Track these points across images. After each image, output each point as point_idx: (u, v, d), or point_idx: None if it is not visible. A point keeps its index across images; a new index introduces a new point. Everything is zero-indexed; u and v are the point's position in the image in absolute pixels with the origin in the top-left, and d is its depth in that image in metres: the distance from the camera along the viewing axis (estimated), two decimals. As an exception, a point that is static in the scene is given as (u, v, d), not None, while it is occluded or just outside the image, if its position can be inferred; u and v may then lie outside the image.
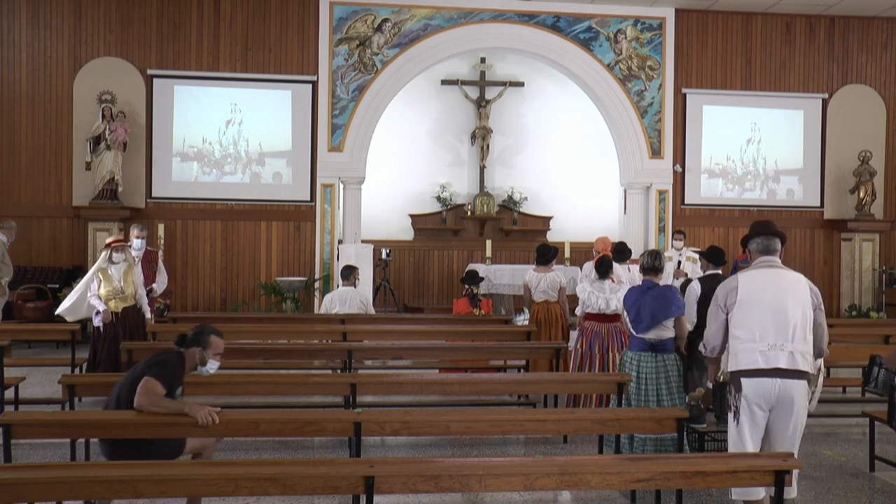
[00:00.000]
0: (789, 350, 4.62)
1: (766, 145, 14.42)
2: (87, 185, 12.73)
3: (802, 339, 4.65)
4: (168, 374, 4.90)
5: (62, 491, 3.92)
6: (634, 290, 6.57)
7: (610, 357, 7.71)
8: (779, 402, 4.67)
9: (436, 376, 7.77)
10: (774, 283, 4.72)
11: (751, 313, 4.67)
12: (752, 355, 4.64)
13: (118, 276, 8.11)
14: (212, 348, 5.08)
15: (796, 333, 4.63)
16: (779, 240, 4.92)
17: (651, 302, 6.35)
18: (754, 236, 5.01)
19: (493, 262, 13.71)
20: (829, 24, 14.44)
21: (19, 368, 8.46)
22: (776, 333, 4.62)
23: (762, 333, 4.63)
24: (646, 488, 5.23)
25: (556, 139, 15.52)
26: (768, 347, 4.61)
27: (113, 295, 8.07)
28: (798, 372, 4.64)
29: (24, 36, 12.89)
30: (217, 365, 5.15)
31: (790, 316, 4.64)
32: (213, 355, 5.10)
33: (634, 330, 6.43)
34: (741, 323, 4.69)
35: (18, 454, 6.15)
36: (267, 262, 13.34)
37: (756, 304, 4.66)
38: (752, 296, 4.69)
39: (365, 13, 13.32)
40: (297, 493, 4.28)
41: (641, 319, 6.36)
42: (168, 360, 5.00)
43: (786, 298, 4.67)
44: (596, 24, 13.75)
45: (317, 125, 13.30)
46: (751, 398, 4.68)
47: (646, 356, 6.38)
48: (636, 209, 14.13)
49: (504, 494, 5.67)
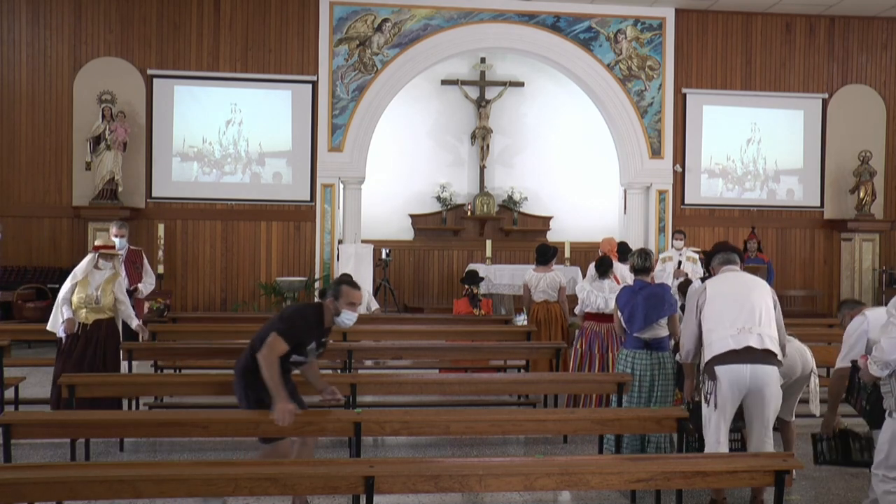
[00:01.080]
0: (757, 332, 5.06)
1: (766, 145, 14.42)
2: (87, 185, 12.73)
3: (769, 324, 5.13)
4: (296, 331, 4.87)
5: (62, 491, 3.93)
6: (626, 290, 6.62)
7: (609, 357, 7.72)
8: (751, 388, 5.07)
9: (436, 376, 7.77)
10: (738, 281, 5.30)
11: (719, 305, 5.15)
12: (723, 341, 5.05)
13: (96, 284, 7.15)
14: (343, 297, 5.00)
15: (762, 318, 5.10)
16: (737, 255, 5.52)
17: (643, 302, 6.39)
18: (716, 253, 5.58)
19: (493, 262, 13.71)
20: (829, 24, 14.44)
21: (19, 368, 8.46)
22: (744, 318, 5.07)
23: (732, 320, 5.08)
24: (646, 488, 5.24)
25: (556, 139, 15.52)
26: (738, 331, 5.05)
27: (85, 303, 7.11)
28: (768, 353, 5.06)
29: (24, 36, 12.89)
30: (353, 316, 5.06)
31: (756, 304, 5.12)
32: (345, 305, 5.01)
33: (628, 329, 6.48)
34: (711, 315, 5.17)
35: (18, 454, 6.15)
36: (267, 262, 13.34)
37: (723, 297, 5.17)
38: (719, 291, 5.22)
39: (365, 13, 13.32)
40: (297, 493, 4.28)
41: (635, 319, 6.41)
42: (300, 313, 4.99)
43: (750, 290, 5.20)
44: (596, 24, 13.75)
45: (317, 125, 13.30)
46: (724, 385, 5.06)
47: (640, 354, 6.43)
48: (636, 209, 14.12)
49: (504, 494, 5.67)
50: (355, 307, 5.06)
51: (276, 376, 4.78)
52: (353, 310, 5.06)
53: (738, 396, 5.14)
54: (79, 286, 7.12)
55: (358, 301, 5.07)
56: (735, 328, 5.06)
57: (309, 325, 4.97)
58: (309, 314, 5.02)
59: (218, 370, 8.02)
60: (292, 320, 4.94)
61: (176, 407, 7.73)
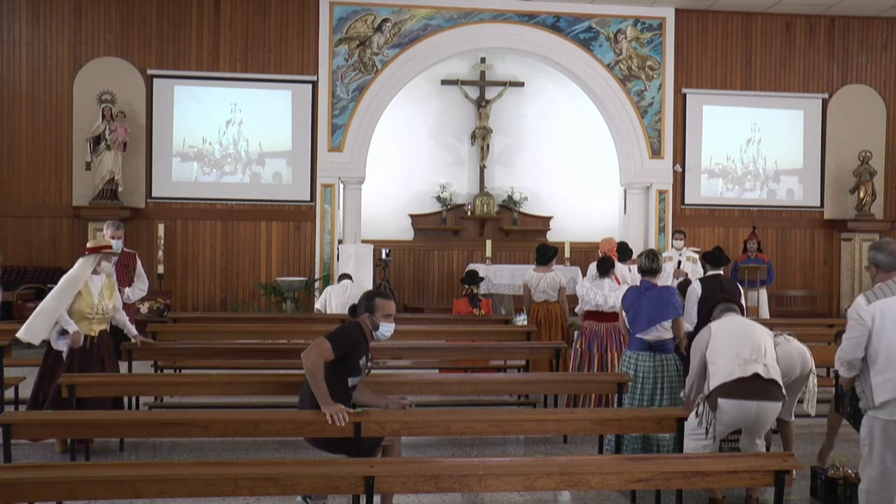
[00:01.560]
0: (763, 363, 5.15)
1: (766, 145, 14.42)
2: (87, 185, 12.74)
3: (773, 359, 5.27)
4: (344, 341, 4.88)
5: (62, 491, 3.93)
6: (632, 291, 6.61)
7: (608, 357, 7.73)
8: (754, 423, 5.17)
9: (436, 376, 7.77)
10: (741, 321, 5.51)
11: (725, 341, 5.26)
12: (730, 369, 5.11)
13: (97, 291, 6.52)
14: (379, 311, 5.01)
15: (767, 353, 5.23)
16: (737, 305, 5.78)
17: (648, 303, 6.39)
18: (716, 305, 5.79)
19: (493, 262, 13.71)
20: (829, 24, 14.44)
21: (19, 368, 8.45)
22: (750, 350, 5.18)
23: (738, 351, 5.18)
24: (646, 488, 5.24)
25: (556, 139, 15.52)
26: (745, 361, 5.12)
27: (93, 313, 6.46)
28: (774, 385, 5.16)
29: (24, 36, 12.89)
30: (391, 327, 5.07)
31: (759, 340, 5.26)
32: (382, 317, 5.02)
33: (632, 330, 6.48)
34: (716, 350, 5.24)
35: (18, 454, 6.15)
36: (267, 262, 13.34)
37: (728, 333, 5.31)
38: (725, 328, 5.36)
39: (365, 13, 13.32)
40: (297, 493, 4.29)
41: (638, 321, 6.41)
42: (347, 328, 5.00)
43: (752, 328, 5.39)
44: (596, 24, 13.75)
45: (317, 125, 13.30)
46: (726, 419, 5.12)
47: (643, 355, 6.43)
48: (636, 209, 14.12)
49: (504, 494, 5.67)
50: (391, 318, 5.07)
51: (319, 375, 4.76)
52: (390, 321, 5.07)
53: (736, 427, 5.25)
54: (82, 295, 6.43)
55: (392, 311, 5.08)
56: (742, 358, 5.14)
57: (357, 339, 4.99)
58: (354, 329, 5.04)
59: (218, 370, 8.04)
60: (340, 333, 4.97)
61: (176, 407, 7.73)
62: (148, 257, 12.91)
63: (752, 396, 5.05)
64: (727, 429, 5.23)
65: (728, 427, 5.21)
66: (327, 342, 4.85)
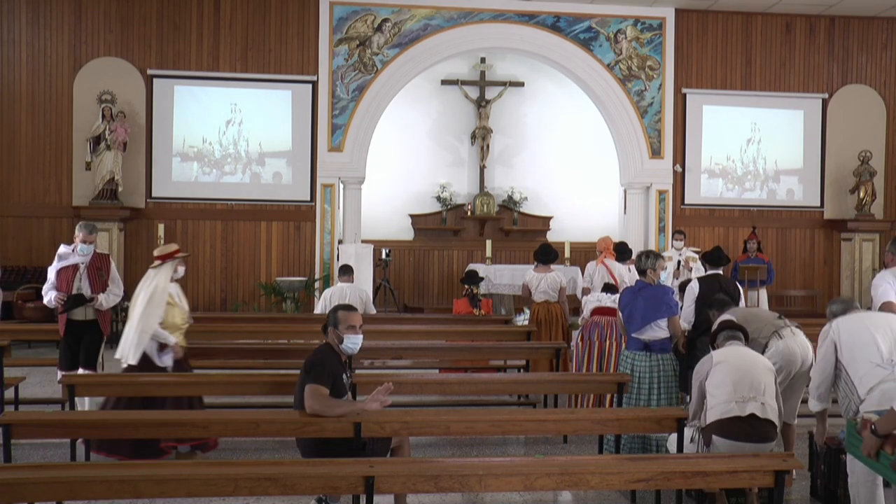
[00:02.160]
0: (761, 401, 5.06)
1: (766, 145, 14.42)
2: (87, 185, 12.73)
3: (772, 396, 5.16)
4: (322, 372, 4.90)
5: (62, 491, 3.93)
6: (628, 291, 6.64)
7: (607, 346, 7.74)
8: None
9: (436, 376, 7.77)
10: (744, 353, 5.36)
11: (725, 373, 5.15)
12: (727, 405, 5.05)
13: (182, 299, 6.49)
14: (342, 323, 5.03)
15: (766, 390, 5.13)
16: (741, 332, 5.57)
17: (642, 303, 6.39)
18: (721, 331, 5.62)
19: (493, 262, 13.70)
20: (829, 24, 14.43)
21: (19, 368, 8.46)
22: (749, 388, 5.08)
23: (736, 387, 5.08)
24: (646, 488, 5.24)
25: (556, 139, 15.52)
26: (743, 399, 5.04)
27: (184, 323, 6.44)
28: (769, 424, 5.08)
29: (24, 36, 12.89)
30: (358, 338, 5.07)
31: (760, 376, 5.15)
32: (346, 329, 5.03)
33: (627, 329, 6.50)
34: (716, 382, 5.16)
35: (18, 454, 6.15)
36: (267, 262, 13.34)
37: (729, 365, 5.18)
38: (726, 359, 5.25)
39: (365, 13, 13.32)
40: (297, 493, 4.28)
41: (633, 320, 6.42)
42: (316, 358, 4.99)
43: (755, 362, 5.28)
44: (596, 24, 13.75)
45: (317, 125, 13.30)
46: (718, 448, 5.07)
47: (640, 355, 6.44)
48: (636, 209, 14.12)
49: (504, 494, 5.67)
50: (356, 329, 5.07)
51: (334, 405, 4.84)
52: (355, 332, 5.07)
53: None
54: (173, 307, 6.33)
55: (357, 322, 5.08)
56: (740, 394, 5.05)
57: (329, 360, 5.00)
58: (323, 352, 5.06)
59: (218, 370, 8.04)
60: (313, 365, 4.96)
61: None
62: (148, 257, 12.92)
63: (746, 438, 4.97)
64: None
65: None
66: (313, 384, 4.86)
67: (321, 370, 4.92)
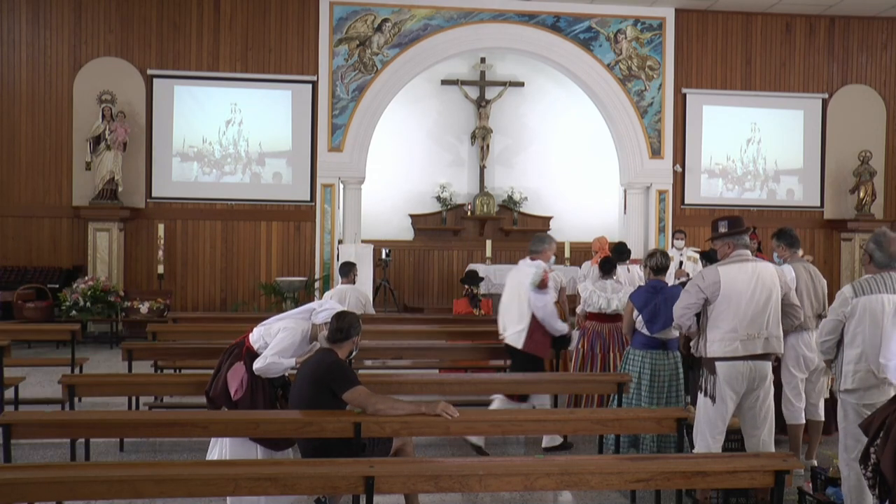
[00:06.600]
0: (765, 337, 5.12)
1: (766, 145, 14.42)
2: (87, 185, 12.73)
3: (776, 325, 5.20)
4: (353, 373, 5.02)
5: (62, 491, 3.92)
6: (644, 291, 6.53)
7: (611, 357, 7.71)
8: (750, 383, 5.16)
9: (436, 376, 7.77)
10: (750, 277, 5.17)
11: (731, 307, 5.11)
12: (732, 344, 5.10)
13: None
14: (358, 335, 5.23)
15: (770, 321, 5.15)
16: (748, 238, 5.43)
17: (666, 303, 6.30)
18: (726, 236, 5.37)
19: (493, 262, 13.71)
20: (829, 24, 14.44)
21: (19, 368, 8.45)
22: (754, 324, 5.10)
23: (741, 324, 5.09)
24: (646, 488, 5.24)
25: (556, 139, 15.52)
26: (747, 337, 5.10)
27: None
28: (769, 354, 5.19)
29: (24, 36, 12.89)
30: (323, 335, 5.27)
31: (765, 306, 5.13)
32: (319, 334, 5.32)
33: (649, 330, 6.40)
34: (722, 315, 5.13)
35: (18, 454, 6.15)
36: (267, 262, 13.34)
37: (735, 299, 5.11)
38: (733, 291, 5.13)
39: (365, 13, 13.32)
40: (297, 493, 4.28)
41: (657, 320, 6.34)
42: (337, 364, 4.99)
43: (761, 289, 5.15)
44: (596, 24, 13.75)
45: (317, 125, 13.30)
46: (724, 381, 5.12)
47: (658, 354, 6.41)
48: (636, 209, 14.12)
49: (504, 494, 5.66)
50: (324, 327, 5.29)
51: (397, 406, 4.90)
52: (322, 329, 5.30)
53: (738, 390, 5.17)
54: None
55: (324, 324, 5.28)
56: (745, 332, 5.09)
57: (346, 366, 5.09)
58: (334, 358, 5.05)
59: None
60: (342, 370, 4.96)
61: (176, 407, 7.73)
62: (148, 257, 12.95)
63: (746, 359, 5.14)
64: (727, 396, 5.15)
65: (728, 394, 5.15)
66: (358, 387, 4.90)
67: (351, 373, 5.00)
